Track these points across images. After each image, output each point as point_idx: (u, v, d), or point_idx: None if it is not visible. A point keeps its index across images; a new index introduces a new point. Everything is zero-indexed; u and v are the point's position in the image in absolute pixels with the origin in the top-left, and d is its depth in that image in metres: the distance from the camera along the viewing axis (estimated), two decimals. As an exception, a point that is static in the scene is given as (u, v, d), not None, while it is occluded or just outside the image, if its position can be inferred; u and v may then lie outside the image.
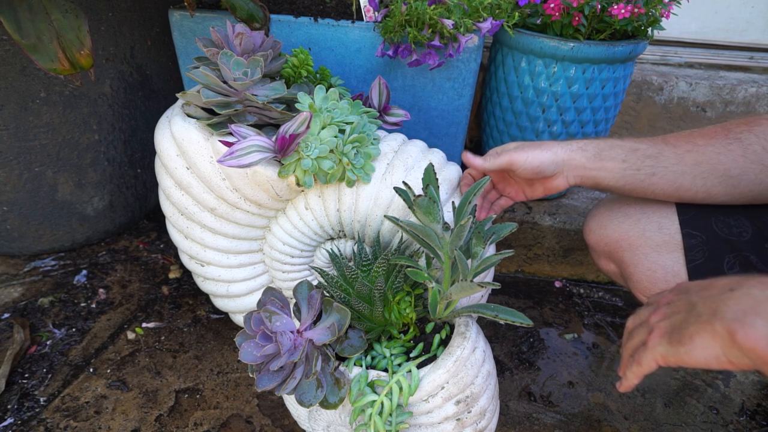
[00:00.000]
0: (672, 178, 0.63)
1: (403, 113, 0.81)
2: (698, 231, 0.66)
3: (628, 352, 0.51)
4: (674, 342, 0.44)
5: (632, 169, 0.64)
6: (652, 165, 0.63)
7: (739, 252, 0.63)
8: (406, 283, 0.67)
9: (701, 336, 0.41)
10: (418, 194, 0.55)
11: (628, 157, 0.64)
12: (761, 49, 1.51)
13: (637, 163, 0.64)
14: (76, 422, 0.82)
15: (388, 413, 0.59)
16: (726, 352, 0.40)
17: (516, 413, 0.88)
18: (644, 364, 0.47)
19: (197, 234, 0.78)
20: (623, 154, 0.64)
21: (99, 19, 0.98)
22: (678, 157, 0.62)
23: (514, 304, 1.14)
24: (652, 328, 0.47)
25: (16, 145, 0.97)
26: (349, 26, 0.88)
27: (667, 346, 0.44)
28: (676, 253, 0.67)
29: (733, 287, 0.42)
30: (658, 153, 0.63)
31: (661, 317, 0.48)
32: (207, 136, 0.69)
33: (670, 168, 0.63)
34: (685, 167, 0.62)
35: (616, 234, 0.73)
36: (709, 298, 0.43)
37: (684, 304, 0.46)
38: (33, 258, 1.15)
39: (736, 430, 0.87)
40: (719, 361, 0.41)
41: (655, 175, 0.64)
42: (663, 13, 0.93)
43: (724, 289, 0.43)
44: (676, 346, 0.43)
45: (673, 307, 0.47)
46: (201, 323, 1.03)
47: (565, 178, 0.67)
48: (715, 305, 0.42)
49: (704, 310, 0.43)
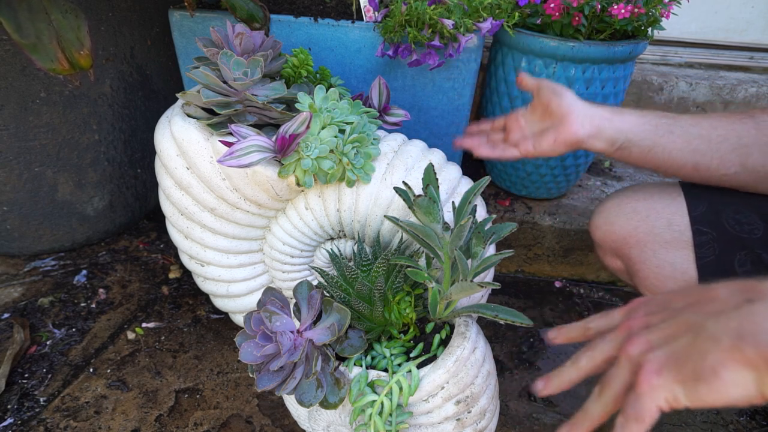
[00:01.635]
0: (688, 138, 0.62)
1: (403, 113, 0.81)
2: (708, 228, 0.65)
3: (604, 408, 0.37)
4: (688, 379, 0.32)
5: (650, 125, 0.63)
6: (670, 123, 0.63)
7: (750, 250, 0.63)
8: (406, 283, 0.67)
9: (728, 368, 0.31)
10: (418, 194, 0.55)
11: (647, 114, 0.64)
12: (761, 49, 1.51)
13: (655, 120, 0.63)
14: (76, 422, 0.82)
15: (388, 413, 0.59)
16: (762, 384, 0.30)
17: (516, 413, 0.88)
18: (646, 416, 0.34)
19: (197, 234, 0.78)
20: (642, 111, 0.64)
21: (99, 19, 0.98)
22: (694, 120, 0.62)
23: (514, 304, 1.14)
24: (639, 363, 0.35)
25: (16, 145, 0.97)
26: (349, 26, 0.88)
27: (674, 386, 0.33)
28: (686, 251, 0.67)
29: (751, 298, 0.33)
30: (675, 116, 0.63)
31: (647, 347, 0.35)
32: (207, 136, 0.69)
33: (688, 128, 0.62)
34: (702, 130, 0.62)
35: (624, 230, 0.72)
36: (723, 315, 0.34)
37: (680, 324, 0.35)
38: (33, 258, 1.15)
39: (736, 430, 0.87)
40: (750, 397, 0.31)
41: (672, 133, 0.63)
42: (663, 13, 0.93)
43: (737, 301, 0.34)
44: (692, 385, 0.32)
45: (662, 330, 0.36)
46: (201, 323, 1.03)
47: (581, 123, 0.64)
48: (736, 324, 0.32)
49: (721, 331, 0.33)
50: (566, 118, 0.65)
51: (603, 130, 0.64)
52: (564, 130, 0.65)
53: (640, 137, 0.63)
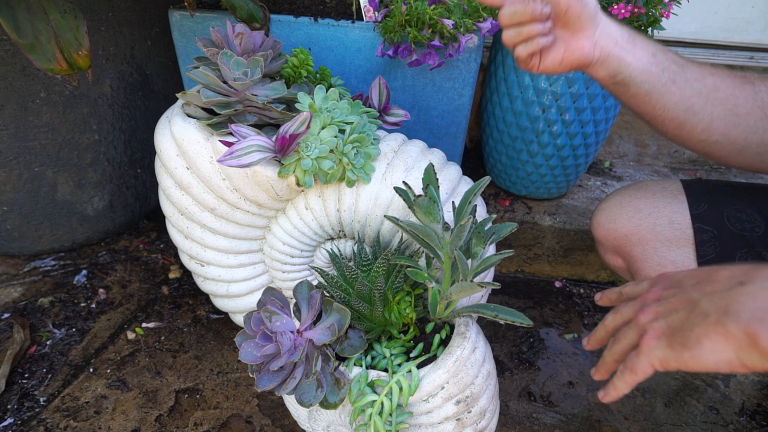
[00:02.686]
0: (689, 93, 0.60)
1: (403, 113, 0.81)
2: (710, 226, 0.66)
3: (613, 356, 0.45)
4: (676, 345, 0.39)
5: (657, 67, 0.59)
6: (677, 72, 0.60)
7: (751, 247, 0.63)
8: (406, 283, 0.67)
9: (711, 339, 0.37)
10: (418, 194, 0.55)
11: (658, 54, 0.60)
12: (761, 49, 1.51)
13: (664, 63, 0.60)
14: (76, 422, 0.82)
15: (388, 413, 0.59)
16: (741, 355, 0.35)
17: (516, 413, 0.88)
18: (639, 371, 0.41)
19: (197, 234, 0.78)
20: (654, 48, 0.60)
21: (99, 20, 0.98)
22: (701, 74, 0.60)
23: (514, 304, 1.14)
24: (645, 329, 0.42)
25: (16, 145, 0.97)
26: (349, 26, 0.88)
27: (666, 350, 0.39)
28: (687, 249, 0.67)
29: (743, 280, 0.38)
30: (685, 64, 0.60)
31: (654, 316, 0.42)
32: (207, 136, 0.69)
33: (691, 82, 0.60)
34: (703, 88, 0.59)
35: (625, 228, 0.72)
36: (715, 295, 0.39)
37: (681, 301, 0.41)
38: (33, 258, 1.15)
39: (736, 430, 0.87)
40: (731, 365, 0.36)
41: (675, 83, 0.60)
42: (663, 13, 0.93)
43: (731, 283, 0.38)
44: (679, 350, 0.38)
45: (667, 304, 0.42)
46: (201, 323, 1.03)
47: (594, 42, 0.58)
48: (725, 303, 0.37)
49: (711, 308, 0.38)
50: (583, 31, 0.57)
51: (611, 58, 0.58)
52: (576, 45, 0.58)
53: (642, 78, 0.59)
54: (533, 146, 1.07)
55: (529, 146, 1.07)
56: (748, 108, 0.58)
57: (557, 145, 1.05)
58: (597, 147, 1.12)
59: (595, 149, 1.11)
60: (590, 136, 1.06)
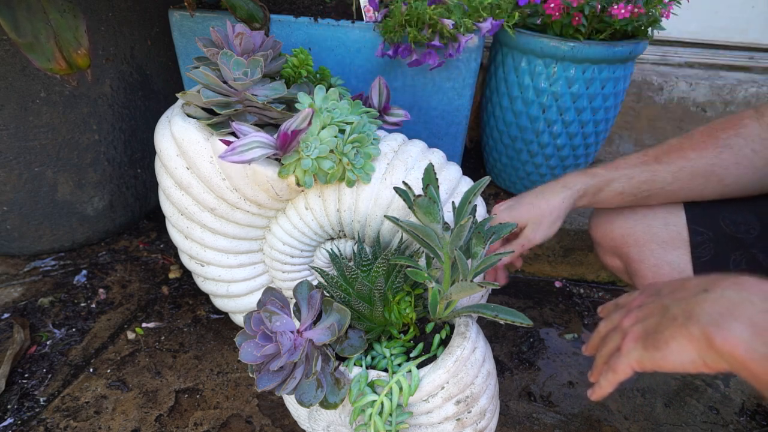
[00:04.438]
0: (667, 195, 0.66)
1: (403, 113, 0.81)
2: (705, 228, 0.66)
3: (602, 359, 0.49)
4: (649, 347, 0.43)
5: (630, 196, 0.68)
6: (648, 189, 0.66)
7: (746, 249, 0.63)
8: (406, 283, 0.67)
9: (677, 340, 0.41)
10: (418, 194, 0.55)
11: (625, 188, 0.67)
12: (761, 49, 1.51)
13: (633, 191, 0.67)
14: (76, 422, 0.81)
15: (388, 413, 0.59)
16: (702, 355, 0.39)
17: (516, 413, 0.88)
18: (619, 370, 0.45)
19: (197, 234, 0.78)
20: (620, 186, 0.67)
21: (99, 19, 0.98)
22: (673, 176, 0.64)
23: (514, 304, 1.14)
24: (626, 332, 0.46)
25: (16, 145, 0.97)
26: (349, 26, 0.88)
27: (642, 351, 0.44)
28: (682, 250, 0.67)
29: (707, 288, 0.42)
30: (652, 176, 0.65)
31: (634, 321, 0.47)
32: (207, 136, 0.69)
33: (666, 188, 0.65)
34: (681, 183, 0.64)
35: (622, 230, 0.73)
36: (683, 301, 0.43)
37: (657, 307, 0.45)
38: (33, 258, 1.15)
39: (736, 430, 0.87)
40: (695, 365, 0.40)
41: (651, 197, 0.67)
42: (663, 13, 0.93)
43: (697, 291, 0.42)
44: (652, 351, 0.42)
45: (646, 310, 0.46)
46: (201, 323, 1.03)
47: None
48: (690, 308, 0.41)
49: (678, 313, 0.42)
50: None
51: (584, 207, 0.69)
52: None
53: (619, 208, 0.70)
54: (533, 146, 1.07)
55: (529, 146, 1.07)
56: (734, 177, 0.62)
57: (557, 145, 1.06)
58: (597, 147, 1.12)
59: (595, 149, 1.11)
60: (590, 136, 1.06)
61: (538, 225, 0.68)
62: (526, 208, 0.69)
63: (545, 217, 0.68)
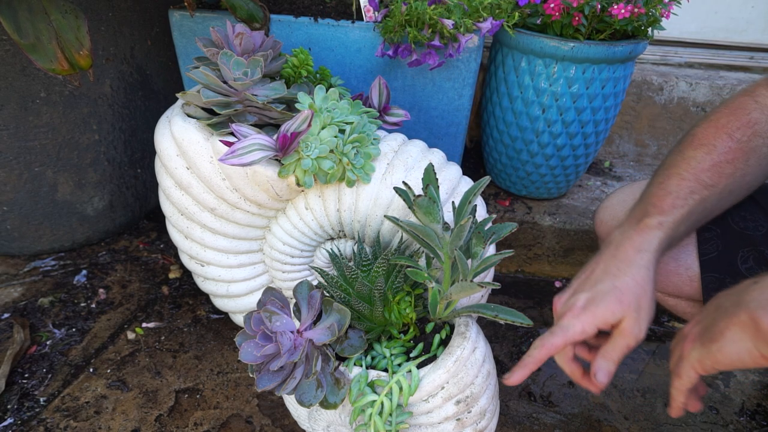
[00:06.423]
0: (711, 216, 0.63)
1: (403, 113, 0.81)
2: (713, 224, 0.65)
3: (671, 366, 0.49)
4: (706, 342, 0.43)
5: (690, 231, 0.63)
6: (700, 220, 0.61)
7: (754, 247, 0.62)
8: (406, 283, 0.67)
9: (730, 329, 0.41)
10: (418, 194, 0.55)
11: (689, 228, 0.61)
12: (761, 49, 1.51)
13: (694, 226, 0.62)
14: (76, 422, 0.82)
15: (388, 413, 0.59)
16: (756, 344, 0.39)
17: (516, 413, 0.88)
18: (683, 375, 0.46)
19: (197, 234, 0.78)
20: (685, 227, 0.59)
21: (99, 20, 0.98)
22: (718, 197, 0.60)
23: (514, 304, 1.14)
24: (686, 336, 0.47)
25: (16, 145, 0.97)
26: (349, 26, 0.88)
27: (700, 349, 0.44)
28: (689, 246, 0.67)
29: (757, 280, 0.43)
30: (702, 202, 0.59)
31: (694, 325, 0.47)
32: (207, 136, 0.69)
33: (714, 212, 0.62)
34: (723, 202, 0.62)
35: None
36: (734, 294, 0.44)
37: (713, 306, 0.46)
38: (33, 258, 1.15)
39: (736, 430, 0.87)
40: (752, 356, 0.40)
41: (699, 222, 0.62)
42: (663, 13, 0.93)
43: (748, 284, 0.43)
44: (708, 345, 0.43)
45: (704, 312, 0.47)
46: (201, 323, 1.03)
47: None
48: (739, 298, 0.42)
49: (729, 304, 0.43)
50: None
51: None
52: None
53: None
54: (533, 146, 1.07)
55: (529, 146, 1.07)
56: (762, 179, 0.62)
57: (557, 145, 1.06)
58: (597, 147, 1.12)
59: (595, 149, 1.11)
60: (590, 136, 1.06)
61: (638, 313, 0.51)
62: (614, 299, 0.51)
63: (642, 299, 0.51)
